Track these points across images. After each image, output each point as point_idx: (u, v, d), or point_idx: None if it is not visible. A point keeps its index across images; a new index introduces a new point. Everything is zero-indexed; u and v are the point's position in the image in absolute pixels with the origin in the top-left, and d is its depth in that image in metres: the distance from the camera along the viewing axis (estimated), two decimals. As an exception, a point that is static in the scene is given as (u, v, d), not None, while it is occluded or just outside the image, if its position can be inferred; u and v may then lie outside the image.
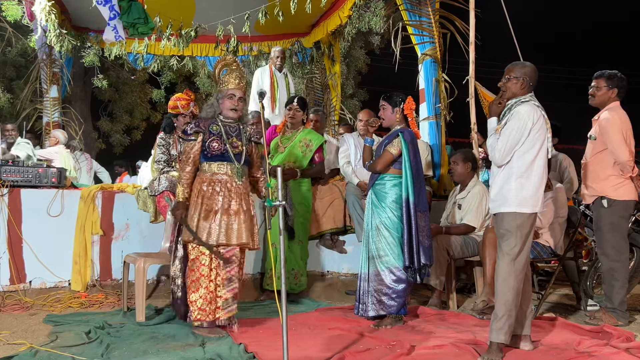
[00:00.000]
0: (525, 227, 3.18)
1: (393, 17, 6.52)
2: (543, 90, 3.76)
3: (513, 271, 3.16)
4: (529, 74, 3.29)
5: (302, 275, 4.90)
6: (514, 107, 3.25)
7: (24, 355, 3.10)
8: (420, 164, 4.02)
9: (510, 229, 3.18)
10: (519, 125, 3.16)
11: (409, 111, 4.03)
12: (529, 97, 3.28)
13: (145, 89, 13.30)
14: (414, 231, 3.81)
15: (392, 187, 3.95)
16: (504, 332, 3.13)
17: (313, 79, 8.75)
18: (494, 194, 3.29)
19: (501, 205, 3.23)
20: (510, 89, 3.30)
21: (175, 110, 4.72)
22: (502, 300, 3.16)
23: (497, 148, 3.22)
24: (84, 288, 4.79)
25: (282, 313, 2.68)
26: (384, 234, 3.93)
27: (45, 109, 8.03)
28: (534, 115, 3.18)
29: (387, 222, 3.93)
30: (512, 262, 3.16)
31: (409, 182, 3.85)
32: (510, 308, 3.14)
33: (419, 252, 3.81)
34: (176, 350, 3.26)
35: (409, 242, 3.82)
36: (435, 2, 5.89)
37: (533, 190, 3.18)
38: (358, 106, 11.90)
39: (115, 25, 5.73)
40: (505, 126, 3.22)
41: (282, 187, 2.86)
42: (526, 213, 3.17)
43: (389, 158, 3.95)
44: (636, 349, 3.21)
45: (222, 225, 3.63)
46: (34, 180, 4.83)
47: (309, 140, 4.99)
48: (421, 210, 3.88)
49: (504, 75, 3.34)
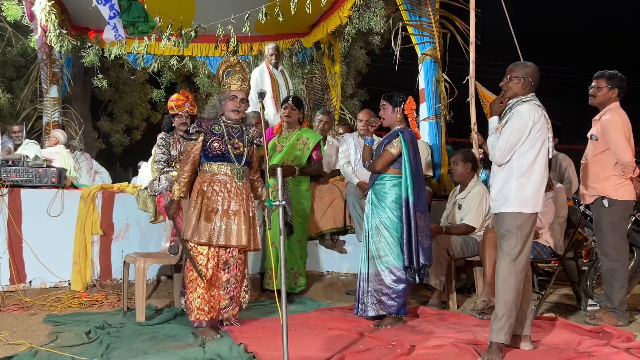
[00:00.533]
0: (525, 227, 3.18)
1: (393, 17, 6.51)
2: (545, 90, 3.77)
3: (513, 271, 3.16)
4: (531, 73, 3.29)
5: (302, 275, 4.90)
6: (515, 106, 3.25)
7: (24, 355, 3.10)
8: (420, 164, 4.02)
9: (510, 229, 3.18)
10: (519, 125, 3.16)
11: (410, 111, 4.03)
12: (531, 96, 3.28)
13: (145, 89, 13.30)
14: (413, 231, 3.81)
15: (392, 187, 3.95)
16: (504, 332, 3.12)
17: (313, 79, 8.74)
18: (495, 193, 3.28)
19: (502, 205, 3.23)
20: (512, 88, 3.31)
21: (172, 110, 4.78)
22: (502, 300, 3.16)
23: (497, 147, 3.22)
24: (84, 288, 4.80)
25: (282, 313, 2.68)
26: (384, 234, 3.93)
27: (45, 109, 8.02)
28: (534, 114, 3.18)
29: (386, 222, 3.93)
30: (512, 262, 3.16)
31: (408, 182, 3.85)
32: (510, 308, 3.14)
33: (418, 252, 3.81)
34: (176, 350, 3.26)
35: (408, 242, 3.82)
36: (435, 2, 5.89)
37: (534, 190, 3.17)
38: (358, 106, 11.89)
39: (115, 24, 5.74)
40: (505, 125, 3.22)
41: (281, 186, 2.86)
42: (527, 213, 3.17)
43: (389, 158, 3.95)
44: (636, 349, 3.21)
45: (222, 226, 3.63)
46: (34, 180, 4.83)
47: (306, 138, 5.00)
48: (421, 210, 3.87)
49: (506, 75, 3.35)
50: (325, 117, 5.71)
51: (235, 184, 3.72)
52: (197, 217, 3.63)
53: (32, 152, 6.30)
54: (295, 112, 5.00)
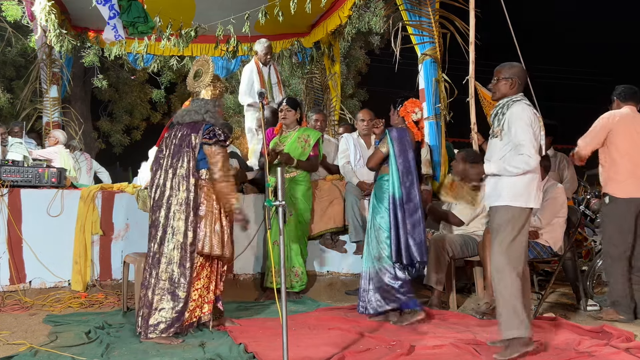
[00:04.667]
0: (517, 220, 3.19)
1: (393, 17, 6.50)
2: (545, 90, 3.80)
3: (506, 262, 3.15)
4: (518, 73, 3.34)
5: (303, 273, 4.90)
6: (507, 107, 3.28)
7: (24, 355, 3.10)
8: (412, 161, 4.05)
9: (501, 222, 3.22)
10: (525, 123, 3.19)
11: (405, 113, 4.15)
12: (520, 96, 3.33)
13: (145, 89, 13.30)
14: (401, 227, 3.90)
15: (387, 187, 4.04)
16: (515, 326, 3.10)
17: (313, 79, 8.74)
18: (490, 190, 3.34)
19: (495, 200, 3.28)
20: (500, 89, 3.36)
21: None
22: (499, 296, 3.16)
23: (527, 155, 3.14)
24: (84, 288, 4.79)
25: (282, 313, 2.68)
26: (382, 233, 4.01)
27: (45, 109, 8.00)
28: (529, 113, 3.24)
29: (381, 221, 4.04)
30: (504, 254, 3.17)
31: (394, 179, 3.98)
32: (511, 302, 3.11)
33: (408, 248, 3.88)
34: (176, 350, 3.26)
35: (395, 238, 3.91)
36: (435, 2, 5.88)
37: (525, 185, 3.20)
38: (358, 106, 11.90)
39: (115, 24, 5.74)
40: (509, 131, 3.22)
41: (276, 173, 2.84)
42: (518, 207, 3.19)
43: (379, 156, 4.09)
44: (636, 349, 3.21)
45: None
46: (34, 180, 4.83)
47: (307, 135, 5.03)
48: (410, 206, 3.93)
49: (493, 77, 3.40)
50: (320, 116, 5.78)
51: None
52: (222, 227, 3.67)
53: (19, 155, 6.20)
54: (291, 113, 5.01)
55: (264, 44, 6.41)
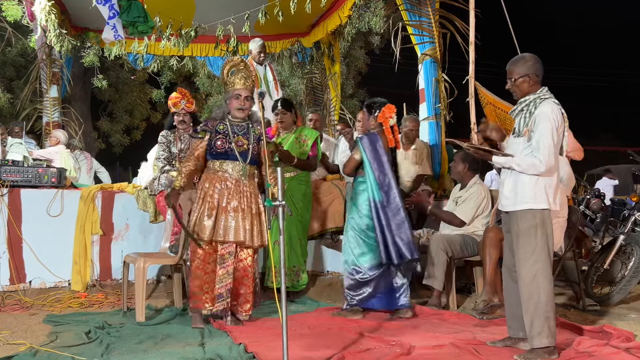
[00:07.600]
0: (543, 224, 3.10)
1: (393, 17, 6.51)
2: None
3: (541, 270, 3.06)
4: (533, 67, 3.14)
5: (303, 272, 4.90)
6: (534, 106, 3.09)
7: (24, 355, 3.10)
8: (386, 165, 4.12)
9: (527, 228, 3.10)
10: (552, 126, 3.02)
11: (384, 119, 4.21)
12: (546, 93, 3.13)
13: (145, 89, 13.31)
14: (385, 229, 4.00)
15: (362, 190, 4.18)
16: (545, 335, 3.07)
17: (313, 79, 8.75)
18: (508, 190, 3.18)
19: (515, 203, 3.15)
20: (522, 89, 3.15)
21: (171, 109, 4.85)
22: (532, 304, 3.08)
23: (537, 159, 3.03)
24: (84, 288, 4.80)
25: (282, 313, 2.68)
26: (349, 234, 4.21)
27: (45, 109, 8.00)
28: (558, 114, 3.07)
29: (352, 222, 4.21)
30: (537, 262, 3.07)
31: (372, 183, 4.09)
32: (544, 310, 3.06)
33: (398, 248, 3.96)
34: (176, 350, 3.26)
35: (382, 239, 4.00)
36: (435, 2, 5.89)
37: (547, 186, 3.12)
38: (358, 106, 11.91)
39: (115, 24, 5.74)
40: (536, 131, 3.05)
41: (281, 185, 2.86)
42: (541, 209, 3.10)
43: (352, 162, 4.23)
44: (636, 349, 3.21)
45: (220, 222, 3.75)
46: (34, 180, 4.83)
47: (305, 135, 5.03)
48: (392, 207, 4.03)
49: (507, 77, 3.20)
50: (316, 116, 5.83)
51: (236, 181, 3.81)
52: (198, 214, 3.77)
53: (19, 155, 6.20)
54: (287, 116, 5.01)
55: (257, 42, 6.38)
